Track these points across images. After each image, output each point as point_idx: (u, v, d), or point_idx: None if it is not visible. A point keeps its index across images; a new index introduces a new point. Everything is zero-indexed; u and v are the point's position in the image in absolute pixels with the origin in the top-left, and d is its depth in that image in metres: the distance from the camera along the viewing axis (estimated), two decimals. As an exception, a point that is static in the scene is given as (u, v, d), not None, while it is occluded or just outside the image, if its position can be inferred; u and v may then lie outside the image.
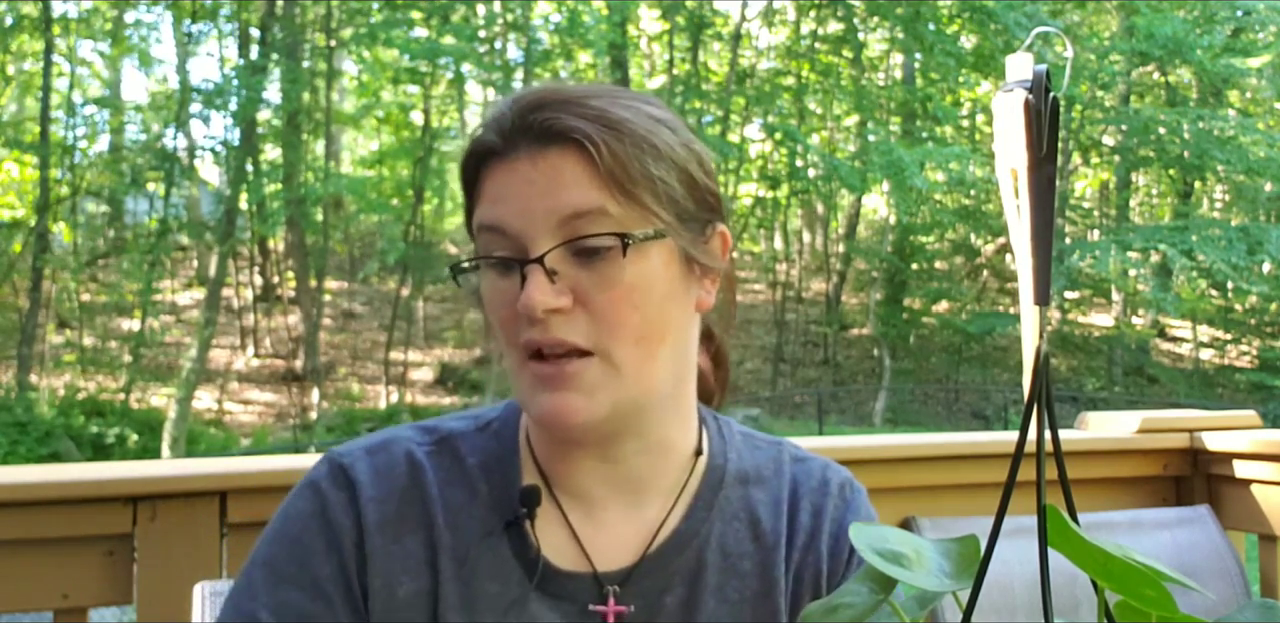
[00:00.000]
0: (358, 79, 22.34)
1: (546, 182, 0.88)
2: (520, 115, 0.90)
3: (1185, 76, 22.28)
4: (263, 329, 21.54)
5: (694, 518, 0.99)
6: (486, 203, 0.91)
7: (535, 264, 0.87)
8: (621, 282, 0.88)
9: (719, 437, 1.04)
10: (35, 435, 15.08)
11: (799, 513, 1.03)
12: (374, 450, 0.99)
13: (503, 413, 1.03)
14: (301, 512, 0.97)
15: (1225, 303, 24.41)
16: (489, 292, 0.91)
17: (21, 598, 1.37)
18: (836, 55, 23.32)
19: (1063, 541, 0.52)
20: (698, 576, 0.97)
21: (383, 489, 0.96)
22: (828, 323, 24.16)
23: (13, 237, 18.75)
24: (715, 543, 0.99)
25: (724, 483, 1.01)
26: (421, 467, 0.98)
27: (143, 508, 1.37)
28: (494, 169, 0.91)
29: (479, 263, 0.92)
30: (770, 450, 1.06)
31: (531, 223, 0.88)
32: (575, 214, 0.87)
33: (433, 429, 1.02)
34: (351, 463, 0.98)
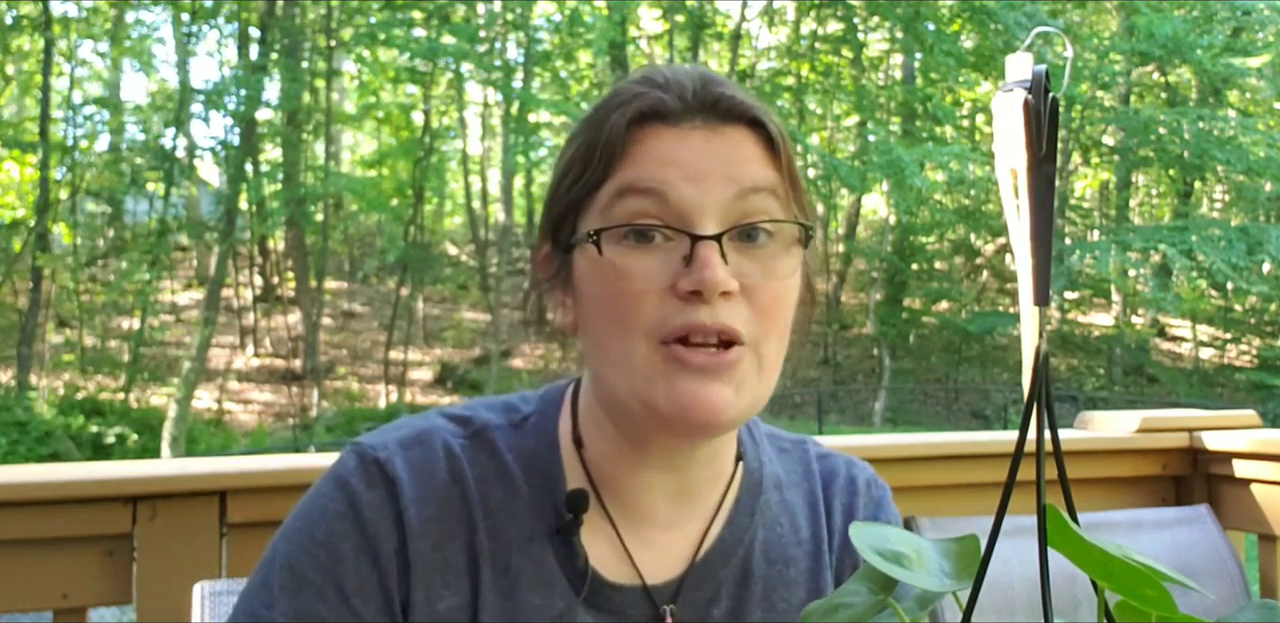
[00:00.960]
0: (358, 78, 22.33)
1: (727, 153, 0.83)
2: (704, 86, 0.86)
3: (1185, 76, 22.27)
4: (262, 329, 21.53)
5: (737, 526, 0.95)
6: (644, 163, 0.83)
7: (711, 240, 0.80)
8: (780, 274, 0.84)
9: (750, 441, 1.00)
10: (35, 435, 15.07)
11: (833, 514, 1.00)
12: (410, 444, 0.91)
13: (539, 407, 0.96)
14: (329, 512, 0.87)
15: (1225, 303, 24.41)
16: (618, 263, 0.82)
17: (21, 598, 1.37)
18: (836, 55, 23.32)
19: (1062, 541, 0.52)
20: (744, 585, 0.93)
21: (424, 488, 0.88)
22: (827, 323, 24.16)
23: (12, 236, 18.74)
24: (759, 551, 0.95)
25: (763, 488, 0.97)
26: (460, 463, 0.90)
27: (142, 508, 1.37)
28: (659, 132, 0.84)
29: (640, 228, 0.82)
30: (796, 452, 1.03)
31: (706, 191, 0.81)
32: (754, 188, 0.83)
33: (467, 421, 0.94)
34: (388, 458, 0.89)
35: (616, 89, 0.89)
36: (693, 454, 0.91)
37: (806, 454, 1.03)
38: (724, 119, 0.85)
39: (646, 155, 0.83)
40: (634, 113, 0.84)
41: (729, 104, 0.85)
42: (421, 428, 0.93)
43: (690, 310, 0.80)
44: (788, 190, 0.85)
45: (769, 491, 0.98)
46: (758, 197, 0.83)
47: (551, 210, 0.89)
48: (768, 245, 0.83)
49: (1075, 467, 0.61)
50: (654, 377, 0.81)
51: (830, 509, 1.00)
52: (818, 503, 1.00)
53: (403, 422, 0.95)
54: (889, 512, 1.04)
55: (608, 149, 0.84)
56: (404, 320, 21.72)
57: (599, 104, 0.89)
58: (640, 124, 0.84)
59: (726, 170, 0.82)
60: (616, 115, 0.85)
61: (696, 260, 0.79)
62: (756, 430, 1.02)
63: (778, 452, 1.02)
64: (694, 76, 0.87)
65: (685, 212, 0.81)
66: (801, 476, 1.01)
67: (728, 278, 0.79)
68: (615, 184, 0.83)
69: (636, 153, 0.83)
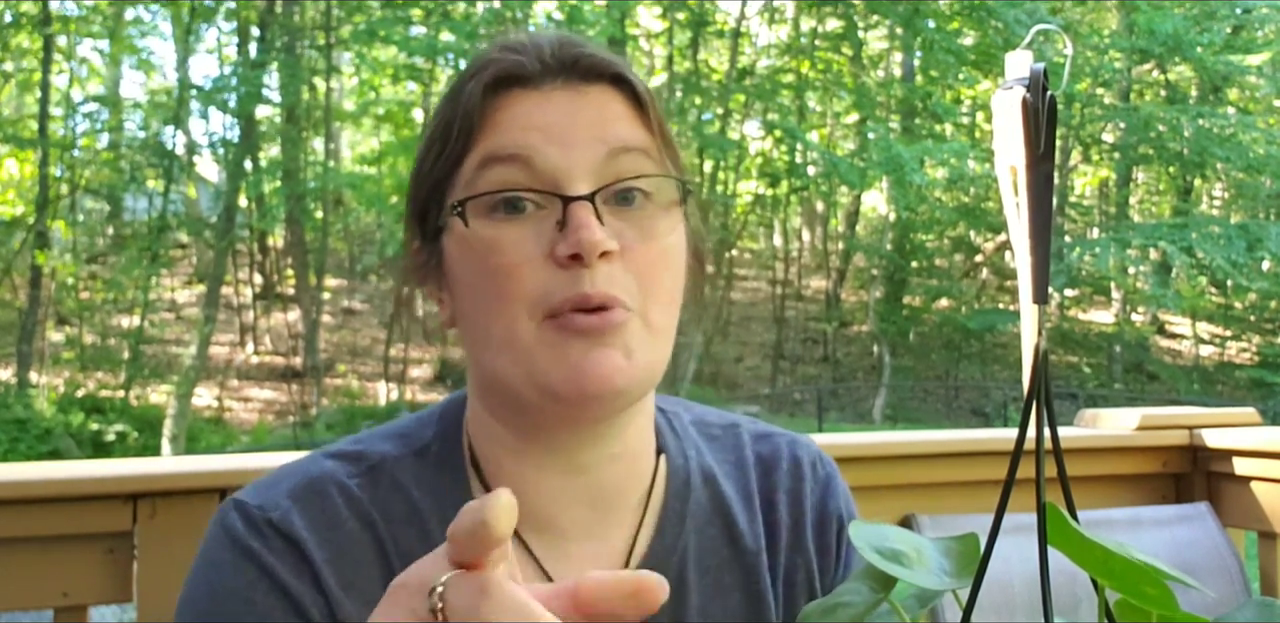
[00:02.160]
0: (357, 75, 22.32)
1: (594, 113, 0.78)
2: (561, 46, 0.80)
3: (1185, 74, 22.26)
4: (262, 326, 21.54)
5: (667, 534, 0.86)
6: (505, 130, 0.77)
7: (585, 201, 0.74)
8: (660, 235, 0.78)
9: (671, 433, 0.91)
10: (35, 433, 15.08)
11: (776, 506, 0.92)
12: (301, 495, 0.81)
13: (440, 431, 0.87)
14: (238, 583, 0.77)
15: (1225, 300, 24.42)
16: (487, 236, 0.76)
17: (21, 596, 1.37)
18: (836, 52, 23.32)
19: (1062, 539, 0.52)
20: (680, 601, 0.85)
21: (333, 545, 0.79)
22: (827, 320, 24.16)
23: (12, 234, 18.74)
24: (694, 558, 0.87)
25: (690, 487, 0.89)
26: (363, 505, 0.81)
27: (142, 506, 1.37)
28: (519, 97, 0.78)
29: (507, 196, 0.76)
30: (728, 437, 0.95)
31: (573, 153, 0.76)
32: (624, 147, 0.77)
33: (358, 457, 0.85)
34: (282, 516, 0.79)
35: (473, 58, 0.83)
36: (597, 447, 0.82)
37: (739, 440, 0.95)
38: (586, 78, 0.79)
39: (507, 122, 0.77)
40: (490, 78, 0.78)
41: (590, 62, 0.80)
42: (309, 474, 0.83)
43: (571, 279, 0.74)
44: (660, 150, 0.80)
45: (698, 488, 0.89)
46: (629, 157, 0.77)
47: (415, 197, 0.82)
48: (645, 207, 0.78)
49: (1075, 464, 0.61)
50: (541, 352, 0.75)
51: (773, 501, 0.92)
52: (753, 496, 0.91)
53: (284, 469, 0.84)
54: (837, 492, 0.96)
55: (466, 119, 0.78)
56: (404, 318, 21.68)
57: (456, 77, 0.83)
58: (498, 90, 0.78)
59: (593, 131, 0.77)
60: (473, 84, 0.79)
61: (571, 222, 0.74)
62: (678, 420, 0.93)
63: (707, 440, 0.94)
64: (551, 38, 0.81)
65: (554, 176, 0.75)
66: (734, 465, 0.93)
67: (606, 238, 0.74)
68: (478, 155, 0.77)
69: (497, 120, 0.78)
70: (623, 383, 0.76)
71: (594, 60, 0.80)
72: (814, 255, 26.77)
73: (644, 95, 0.81)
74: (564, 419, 0.80)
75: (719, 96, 21.03)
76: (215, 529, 0.81)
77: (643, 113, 0.80)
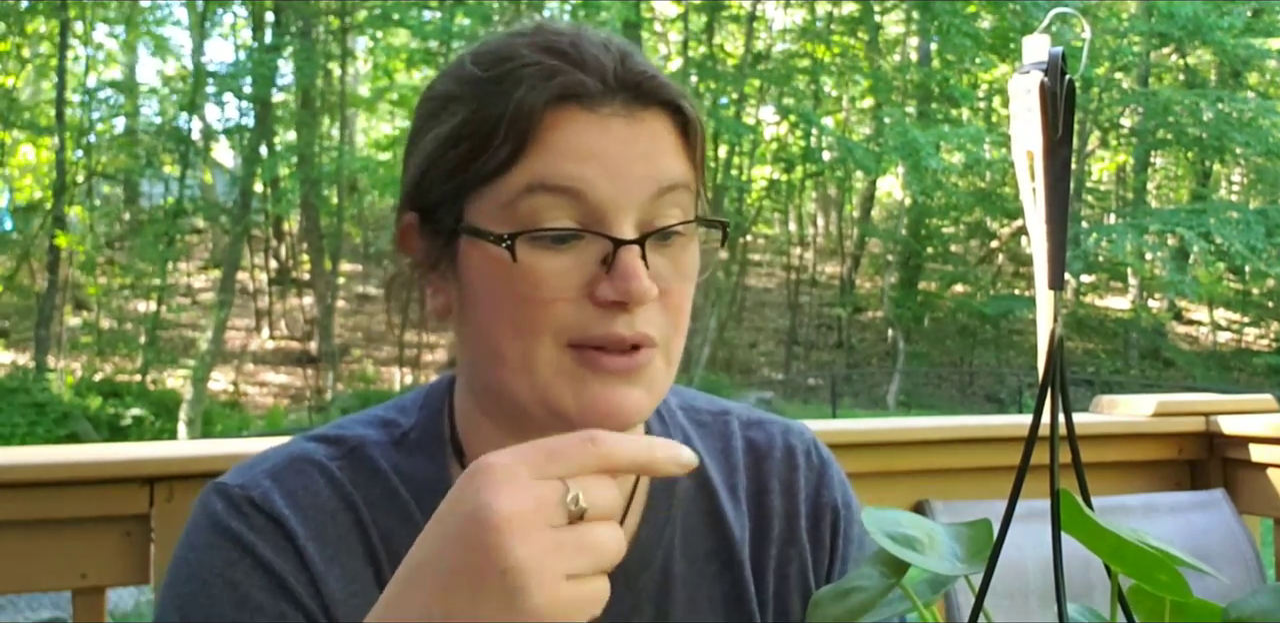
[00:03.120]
0: (371, 59, 22.32)
1: (648, 145, 0.75)
2: (622, 63, 0.76)
3: (1205, 58, 22.07)
4: (277, 311, 21.63)
5: (653, 523, 0.86)
6: (560, 156, 0.73)
7: (635, 245, 0.73)
8: (693, 271, 0.78)
9: (658, 418, 0.91)
10: (53, 417, 15.19)
11: (768, 496, 0.91)
12: (281, 474, 0.81)
13: (420, 420, 0.86)
14: (219, 562, 0.77)
15: (1243, 286, 24.27)
16: (529, 266, 0.74)
17: (41, 578, 1.38)
18: (852, 37, 23.19)
19: (1076, 525, 0.52)
20: (666, 592, 0.85)
21: (315, 523, 0.79)
22: (842, 306, 24.11)
23: (29, 219, 18.83)
24: (680, 548, 0.86)
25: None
26: (345, 487, 0.81)
27: (159, 489, 1.38)
28: (576, 117, 0.74)
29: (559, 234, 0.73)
30: (717, 425, 0.94)
31: (625, 191, 0.74)
32: (671, 186, 0.76)
33: (339, 440, 0.85)
34: (262, 494, 0.79)
35: (513, 50, 0.76)
36: None
37: (728, 428, 0.94)
38: (644, 102, 0.76)
39: (563, 146, 0.73)
40: (550, 93, 0.73)
41: (651, 86, 0.76)
42: (289, 455, 0.83)
43: (608, 319, 0.74)
44: (698, 180, 0.80)
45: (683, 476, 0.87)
46: (674, 194, 0.76)
47: (427, 183, 0.79)
48: (682, 243, 0.78)
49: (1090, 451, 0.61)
50: (560, 380, 0.75)
51: (764, 490, 0.91)
52: (739, 486, 0.90)
53: (265, 452, 0.85)
54: (832, 482, 0.94)
55: (515, 133, 0.73)
56: (418, 303, 21.73)
57: (490, 65, 0.76)
58: (553, 106, 0.74)
59: (646, 167, 0.75)
60: (525, 91, 0.73)
61: (620, 268, 0.73)
62: (665, 406, 0.92)
63: (695, 427, 0.93)
64: (611, 48, 0.77)
65: (604, 211, 0.74)
66: (722, 452, 0.92)
67: (652, 286, 0.73)
68: (525, 177, 0.73)
69: (551, 141, 0.73)
70: (639, 417, 0.77)
71: (655, 84, 0.77)
72: (829, 241, 26.70)
73: (694, 125, 0.79)
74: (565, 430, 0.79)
75: (734, 81, 20.95)
76: (196, 513, 0.81)
77: (689, 143, 0.79)
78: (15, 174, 19.57)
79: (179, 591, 0.78)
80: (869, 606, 0.58)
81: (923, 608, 0.60)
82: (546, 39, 0.77)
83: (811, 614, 0.61)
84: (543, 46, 0.76)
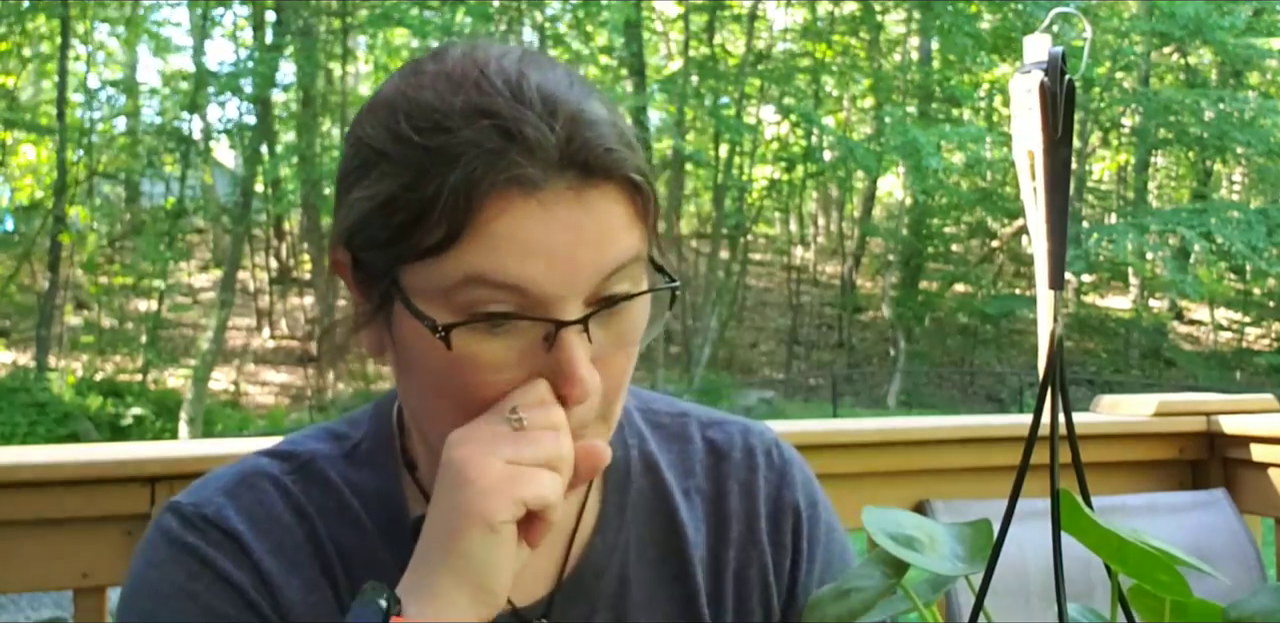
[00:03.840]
0: (371, 59, 22.30)
1: (595, 229, 0.69)
2: (569, 138, 0.68)
3: (1206, 57, 22.06)
4: (278, 311, 21.64)
5: (608, 528, 0.85)
6: (498, 251, 0.67)
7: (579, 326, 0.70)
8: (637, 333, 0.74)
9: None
10: (54, 416, 15.20)
11: (727, 498, 0.89)
12: (234, 490, 0.81)
13: (370, 431, 0.86)
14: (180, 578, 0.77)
15: (1244, 286, 24.26)
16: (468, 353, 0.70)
17: (42, 577, 1.38)
18: (853, 36, 23.18)
19: (1076, 525, 0.52)
20: (623, 596, 0.84)
21: (271, 537, 0.79)
22: (842, 306, 24.11)
23: (30, 219, 18.84)
24: (635, 552, 0.85)
25: (631, 477, 0.87)
26: (299, 499, 0.81)
27: (160, 488, 1.38)
28: (517, 207, 0.67)
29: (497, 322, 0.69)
30: (675, 427, 0.92)
31: (570, 281, 0.69)
32: (620, 266, 0.71)
33: (288, 455, 0.85)
34: (217, 511, 0.79)
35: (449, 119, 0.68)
36: None
37: (687, 429, 0.92)
38: (593, 180, 0.69)
39: (503, 237, 0.67)
40: (494, 181, 0.67)
41: (601, 163, 0.69)
42: (240, 470, 0.83)
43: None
44: (652, 241, 0.74)
45: (638, 478, 0.87)
46: (623, 271, 0.71)
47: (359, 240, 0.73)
48: (626, 305, 0.73)
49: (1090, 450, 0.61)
50: None
51: (723, 492, 0.89)
52: (694, 489, 0.89)
53: (217, 470, 0.85)
54: (794, 483, 0.92)
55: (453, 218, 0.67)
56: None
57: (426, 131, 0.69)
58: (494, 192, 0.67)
59: (593, 255, 0.69)
60: (463, 175, 0.66)
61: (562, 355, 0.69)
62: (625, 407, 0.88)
63: (652, 428, 0.91)
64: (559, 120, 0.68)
65: (547, 301, 0.69)
66: (679, 454, 0.90)
67: (594, 377, 0.70)
68: (463, 268, 0.68)
69: (489, 231, 0.67)
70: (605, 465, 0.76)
71: (606, 159, 0.69)
72: (829, 241, 26.70)
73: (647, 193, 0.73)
74: None
75: (735, 81, 20.95)
76: (151, 533, 0.81)
77: (643, 210, 0.73)
78: (16, 174, 19.58)
79: (140, 606, 0.78)
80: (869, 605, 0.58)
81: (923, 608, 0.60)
82: (485, 103, 0.68)
83: (811, 614, 0.61)
84: (481, 111, 0.68)
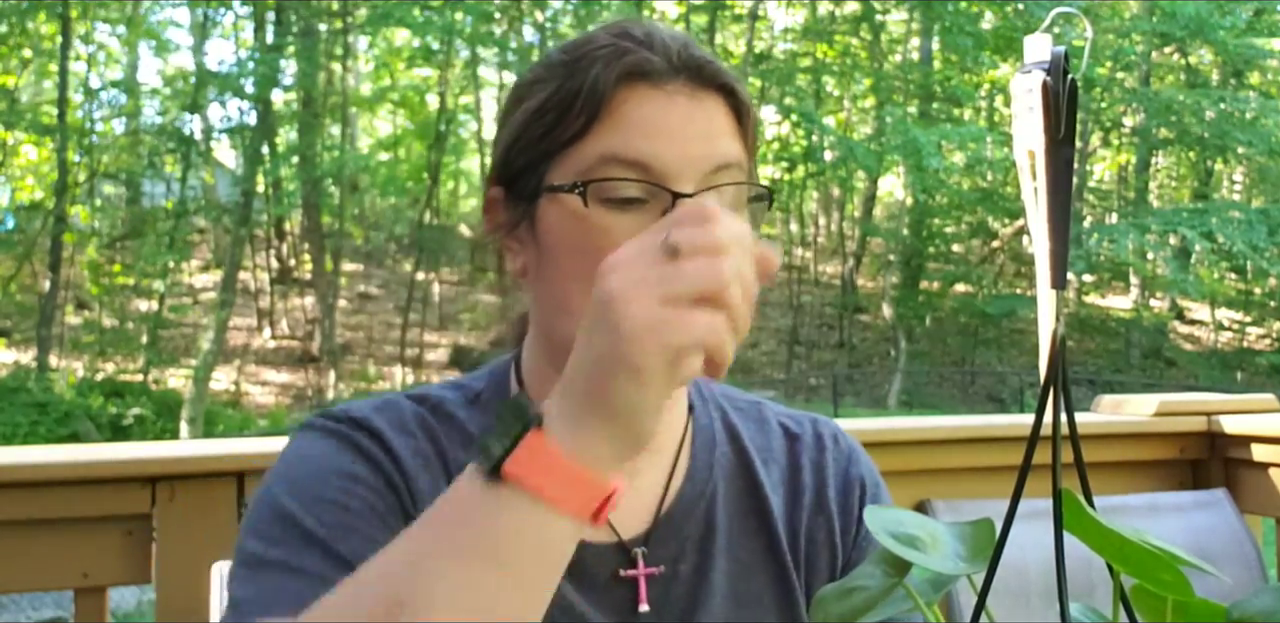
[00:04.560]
0: (372, 58, 22.32)
1: (705, 124, 0.84)
2: (685, 48, 0.85)
3: (1206, 57, 22.05)
4: (279, 311, 21.63)
5: (697, 480, 0.95)
6: (629, 130, 0.82)
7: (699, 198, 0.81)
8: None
9: (700, 398, 1.00)
10: (55, 416, 15.20)
11: (800, 472, 0.99)
12: (380, 408, 0.91)
13: (489, 383, 0.96)
14: (342, 462, 0.85)
15: (1245, 286, 24.25)
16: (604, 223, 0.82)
17: (43, 577, 1.38)
18: (854, 36, 23.17)
19: (1078, 524, 0.52)
20: (708, 539, 0.93)
21: (409, 445, 0.88)
22: (843, 306, 24.11)
23: (31, 219, 18.84)
24: (721, 504, 0.95)
25: (716, 442, 0.97)
26: (431, 425, 0.91)
27: (161, 488, 1.38)
28: (644, 93, 0.83)
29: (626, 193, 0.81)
30: (752, 410, 1.03)
31: (688, 164, 0.82)
32: (725, 164, 0.84)
33: (422, 397, 0.94)
34: (364, 415, 0.89)
35: (593, 38, 0.87)
36: None
37: (763, 413, 1.03)
38: (704, 84, 0.85)
39: (631, 119, 0.82)
40: (620, 69, 0.82)
41: (711, 70, 0.85)
42: (385, 398, 0.93)
43: None
44: (750, 163, 0.88)
45: (723, 444, 0.97)
46: (728, 172, 0.84)
47: (511, 155, 0.88)
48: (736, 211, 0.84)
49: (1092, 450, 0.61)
50: None
51: (797, 466, 0.99)
52: (772, 460, 0.99)
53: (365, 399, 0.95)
54: (860, 461, 1.02)
55: (590, 104, 0.82)
56: (420, 303, 21.78)
57: (573, 50, 0.86)
58: (623, 81, 0.83)
59: (705, 145, 0.83)
60: (600, 68, 0.83)
61: None
62: (707, 388, 1.02)
63: (733, 410, 1.02)
64: (676, 37, 0.86)
65: (667, 177, 0.81)
66: (758, 429, 1.01)
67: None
68: (599, 148, 0.82)
69: (621, 114, 0.82)
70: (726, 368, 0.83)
71: (714, 69, 0.85)
72: (830, 241, 26.69)
73: (747, 110, 0.87)
74: None
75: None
76: (302, 432, 0.89)
77: (743, 127, 0.87)
78: (17, 174, 19.58)
79: (301, 484, 0.84)
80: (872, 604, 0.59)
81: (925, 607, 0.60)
82: (621, 27, 0.87)
83: (815, 613, 0.61)
84: (617, 33, 0.86)
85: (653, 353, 0.60)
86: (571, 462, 0.62)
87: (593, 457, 0.63)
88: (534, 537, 0.62)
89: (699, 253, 0.62)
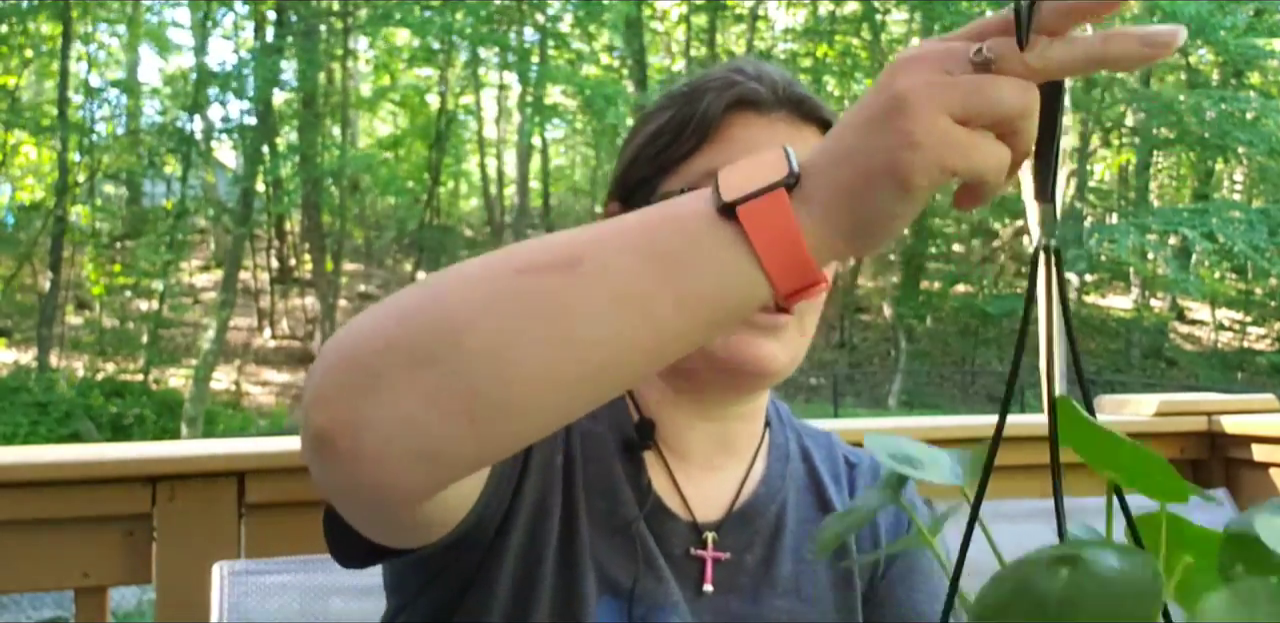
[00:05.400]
0: (372, 59, 22.32)
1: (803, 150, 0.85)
2: (790, 85, 0.95)
3: (1207, 57, 22.04)
4: (279, 311, 21.63)
5: (771, 486, 1.02)
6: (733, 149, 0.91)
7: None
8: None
9: (777, 417, 1.08)
10: (55, 416, 15.20)
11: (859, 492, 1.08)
12: None
13: None
14: None
15: (1245, 286, 24.25)
16: None
17: (43, 577, 1.38)
18: (855, 36, 23.18)
19: (1074, 433, 0.53)
20: (777, 537, 1.00)
21: None
22: (843, 305, 24.12)
23: (32, 219, 18.85)
24: (791, 510, 1.02)
25: (789, 457, 1.05)
26: None
27: (162, 488, 1.38)
28: (749, 119, 0.93)
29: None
30: (822, 438, 1.12)
31: None
32: None
33: None
34: None
35: (709, 73, 0.98)
36: (732, 406, 1.00)
37: (831, 441, 1.12)
38: (804, 117, 0.95)
39: (736, 140, 0.92)
40: (730, 98, 0.93)
41: (810, 104, 0.95)
42: None
43: None
44: None
45: (795, 460, 1.06)
46: None
47: (629, 172, 0.98)
48: None
49: (1092, 450, 0.62)
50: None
51: (856, 489, 1.08)
52: (841, 478, 1.08)
53: None
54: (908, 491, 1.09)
55: (701, 127, 0.93)
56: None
57: (692, 82, 0.98)
58: (732, 109, 0.93)
59: None
60: (712, 96, 0.93)
61: None
62: (784, 410, 1.11)
63: (806, 435, 1.11)
64: (781, 74, 0.97)
65: None
66: (827, 453, 1.09)
67: None
68: (705, 164, 0.92)
69: (727, 136, 0.93)
70: (774, 369, 0.94)
71: (813, 104, 0.96)
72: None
73: None
74: (716, 384, 0.97)
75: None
76: None
77: None
78: (18, 174, 19.59)
79: None
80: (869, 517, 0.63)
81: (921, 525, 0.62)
82: (736, 64, 0.99)
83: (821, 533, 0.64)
84: (731, 68, 0.98)
85: (929, 173, 0.56)
86: (802, 239, 0.59)
87: (824, 246, 0.60)
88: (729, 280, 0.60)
89: (1015, 72, 0.56)
